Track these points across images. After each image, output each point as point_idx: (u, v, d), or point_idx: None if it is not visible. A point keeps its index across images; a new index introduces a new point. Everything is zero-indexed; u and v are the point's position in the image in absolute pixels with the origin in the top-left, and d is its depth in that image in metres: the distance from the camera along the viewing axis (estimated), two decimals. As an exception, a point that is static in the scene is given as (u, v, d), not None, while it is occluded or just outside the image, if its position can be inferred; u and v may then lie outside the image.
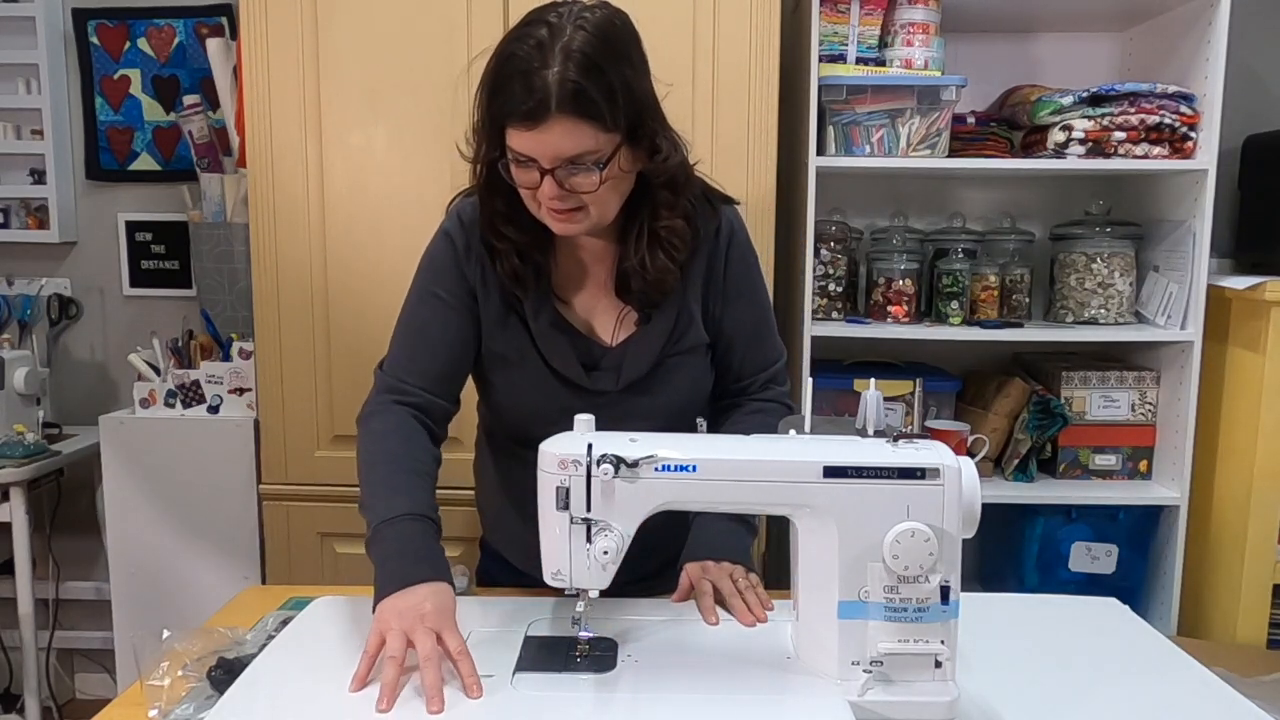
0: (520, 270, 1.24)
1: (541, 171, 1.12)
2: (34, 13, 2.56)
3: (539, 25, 1.10)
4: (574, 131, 1.09)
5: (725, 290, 1.31)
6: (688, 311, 1.29)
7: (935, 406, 2.19)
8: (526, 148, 1.11)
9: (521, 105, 1.08)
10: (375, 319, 2.00)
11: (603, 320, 1.30)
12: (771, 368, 1.38)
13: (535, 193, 1.15)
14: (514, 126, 1.10)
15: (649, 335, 1.28)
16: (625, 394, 1.28)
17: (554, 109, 1.07)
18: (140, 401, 2.30)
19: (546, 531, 1.04)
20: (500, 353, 1.29)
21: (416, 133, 1.96)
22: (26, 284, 2.69)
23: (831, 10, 2.04)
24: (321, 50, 1.95)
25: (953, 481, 0.97)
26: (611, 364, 1.28)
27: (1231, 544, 2.06)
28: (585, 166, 1.12)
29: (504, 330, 1.28)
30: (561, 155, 1.10)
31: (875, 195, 2.39)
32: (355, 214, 1.99)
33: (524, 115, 1.08)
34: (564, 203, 1.14)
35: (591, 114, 1.09)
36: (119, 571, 2.27)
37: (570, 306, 1.29)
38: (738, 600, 1.20)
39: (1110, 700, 1.04)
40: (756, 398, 1.37)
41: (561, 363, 1.27)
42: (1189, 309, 2.06)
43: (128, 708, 1.05)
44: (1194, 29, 2.06)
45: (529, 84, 1.07)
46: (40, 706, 2.45)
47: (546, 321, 1.27)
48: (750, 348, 1.36)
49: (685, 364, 1.31)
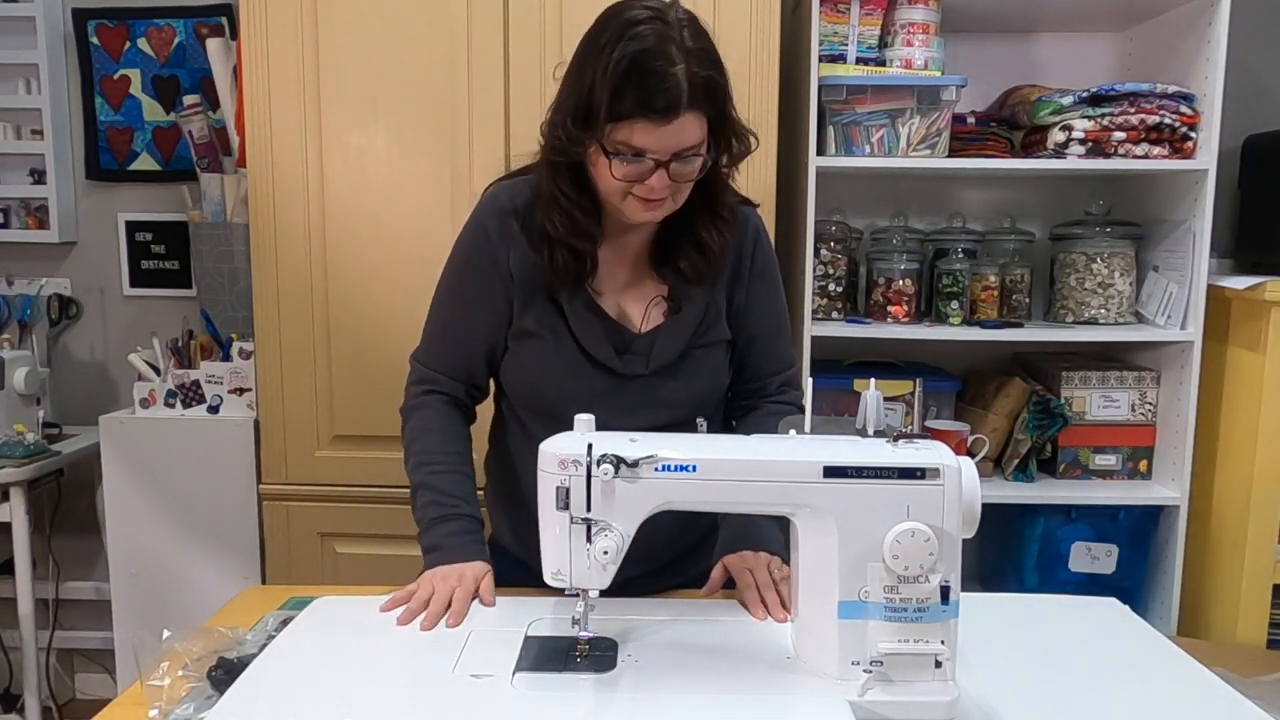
0: (571, 266, 1.26)
1: (657, 164, 1.14)
2: (34, 13, 2.56)
3: (648, 22, 1.12)
4: (698, 124, 1.14)
5: (750, 286, 1.35)
6: (715, 304, 1.32)
7: (935, 406, 2.19)
8: (649, 142, 1.13)
9: (656, 102, 1.10)
10: (375, 319, 2.00)
11: (634, 309, 1.32)
12: (787, 371, 1.41)
13: (630, 185, 1.17)
14: (643, 122, 1.11)
15: (679, 324, 1.30)
16: (654, 378, 1.30)
17: (685, 104, 1.11)
18: (140, 401, 2.30)
19: (546, 531, 1.05)
20: (531, 329, 1.31)
21: (416, 133, 1.97)
22: (26, 284, 2.69)
23: (831, 10, 2.04)
24: (321, 50, 1.95)
25: (953, 481, 0.97)
26: (642, 349, 1.30)
27: (1231, 544, 2.06)
28: (697, 156, 1.16)
29: (536, 309, 1.30)
30: (682, 148, 1.14)
31: (875, 195, 2.39)
32: (355, 214, 1.99)
33: (658, 111, 1.10)
34: (663, 193, 1.17)
35: (712, 109, 1.15)
36: (119, 571, 2.27)
37: (603, 295, 1.31)
38: (772, 594, 1.21)
39: (1110, 700, 1.04)
40: (775, 400, 1.39)
41: (594, 344, 1.29)
42: (1189, 309, 2.06)
43: (128, 708, 1.05)
44: (1194, 29, 2.06)
45: (661, 82, 1.10)
46: (40, 706, 2.45)
47: (581, 304, 1.29)
48: (770, 348, 1.39)
49: (709, 356, 1.34)
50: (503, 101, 1.94)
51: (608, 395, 1.27)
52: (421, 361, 1.37)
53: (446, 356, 1.35)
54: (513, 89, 1.94)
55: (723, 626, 1.18)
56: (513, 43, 1.93)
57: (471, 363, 1.35)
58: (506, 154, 1.95)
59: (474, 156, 1.95)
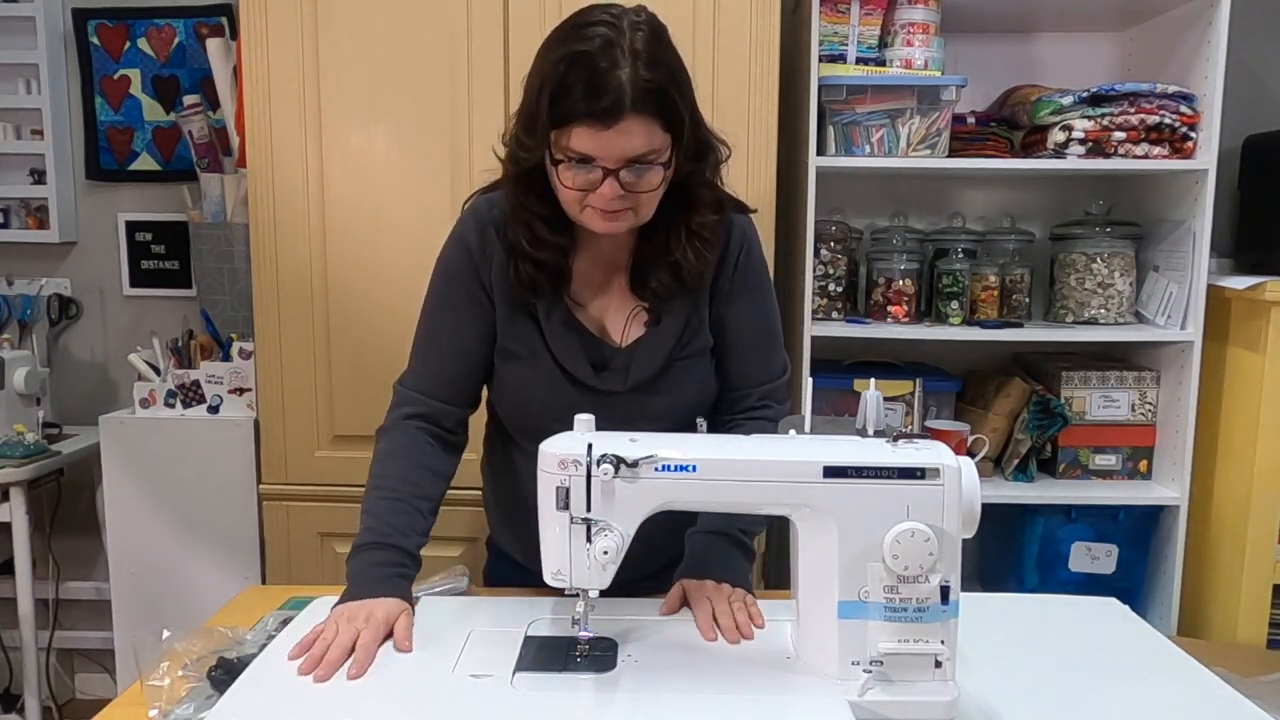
0: (536, 278, 1.24)
1: (606, 172, 1.11)
2: (34, 13, 2.56)
3: (597, 25, 1.10)
4: (645, 131, 1.10)
5: (732, 293, 1.32)
6: (698, 314, 1.30)
7: (935, 406, 2.19)
8: (592, 148, 1.10)
9: (595, 105, 1.07)
10: (375, 319, 2.00)
11: (614, 321, 1.30)
12: (770, 383, 1.37)
13: (585, 194, 1.14)
14: (583, 126, 1.09)
15: (659, 337, 1.28)
16: (634, 394, 1.28)
17: (628, 108, 1.07)
18: (140, 401, 2.30)
19: (546, 531, 1.05)
20: (512, 349, 1.30)
21: (416, 133, 1.96)
22: (26, 284, 2.69)
23: (831, 10, 2.04)
24: (321, 50, 1.95)
25: (953, 481, 0.97)
26: (621, 364, 1.28)
27: (1231, 544, 2.06)
28: (650, 165, 1.12)
29: (516, 327, 1.29)
30: (629, 155, 1.11)
31: (875, 195, 2.39)
32: (355, 214, 1.99)
33: (598, 115, 1.08)
34: (619, 203, 1.14)
35: (662, 113, 1.10)
36: (119, 571, 2.27)
37: (584, 308, 1.30)
38: (728, 620, 1.17)
39: (1110, 700, 1.04)
40: (754, 416, 1.35)
41: (571, 362, 1.27)
42: (1189, 309, 2.05)
43: (128, 708, 1.05)
44: (1194, 29, 2.06)
45: (601, 84, 1.07)
46: (40, 706, 2.45)
47: (559, 321, 1.27)
48: (750, 357, 1.35)
49: (693, 367, 1.31)
50: (503, 101, 1.94)
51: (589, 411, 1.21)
52: (405, 385, 1.32)
53: (431, 376, 1.31)
54: (513, 89, 1.93)
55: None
56: (513, 43, 1.93)
57: (460, 381, 1.32)
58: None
59: (474, 156, 1.95)
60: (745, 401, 1.36)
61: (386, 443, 1.29)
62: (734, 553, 1.29)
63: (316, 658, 1.06)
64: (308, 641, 1.10)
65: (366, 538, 1.21)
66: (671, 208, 1.23)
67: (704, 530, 1.30)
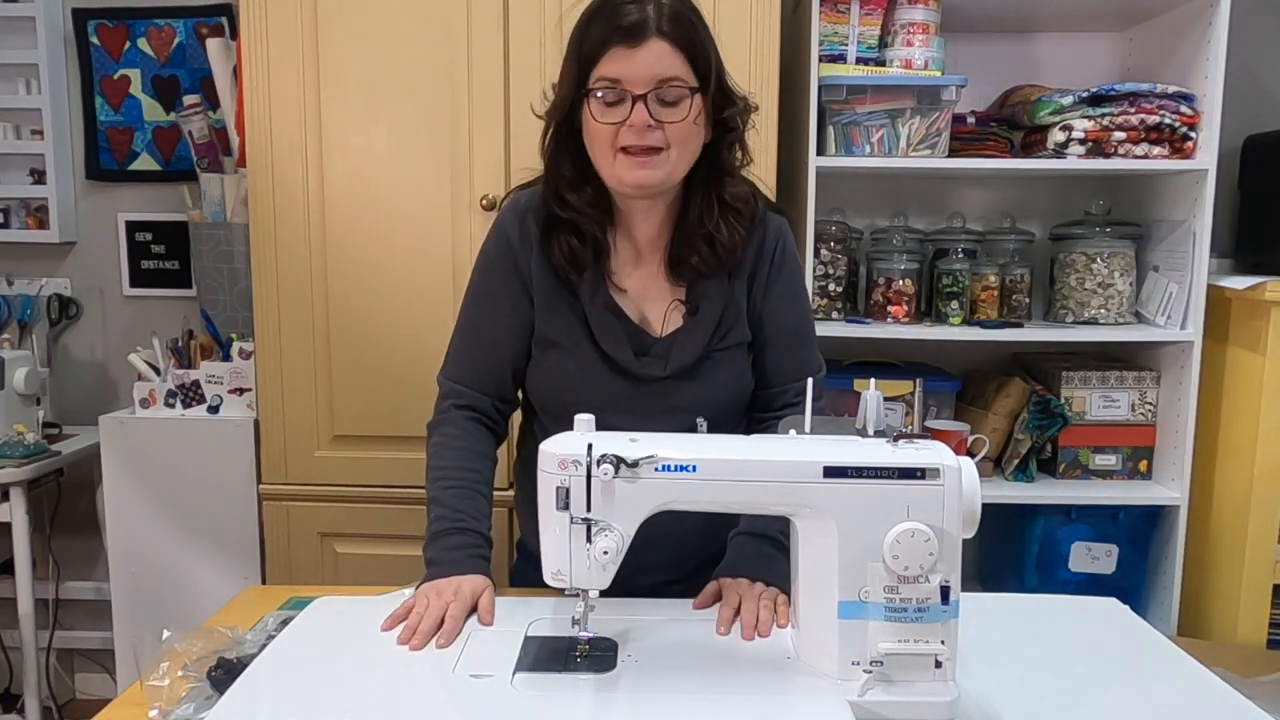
0: (578, 250, 1.26)
1: (634, 98, 1.15)
2: (34, 13, 2.56)
3: None
4: (670, 54, 1.15)
5: (769, 288, 1.33)
6: (734, 305, 1.31)
7: (935, 406, 2.19)
8: (621, 70, 1.15)
9: (622, 22, 1.14)
10: (375, 319, 2.00)
11: (654, 311, 1.31)
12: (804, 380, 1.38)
13: (616, 133, 1.17)
14: (613, 47, 1.15)
15: (696, 327, 1.30)
16: (672, 381, 1.29)
17: (653, 28, 1.14)
18: (140, 401, 2.29)
19: (546, 531, 1.05)
20: (551, 338, 1.31)
21: (416, 133, 1.96)
22: (26, 284, 2.69)
23: (831, 10, 2.04)
24: (321, 50, 1.95)
25: (953, 481, 0.97)
26: (660, 352, 1.30)
27: (1231, 544, 2.06)
28: (678, 97, 1.16)
29: (556, 316, 1.30)
30: (656, 75, 1.15)
31: (875, 195, 2.39)
32: (355, 214, 1.99)
33: (624, 33, 1.14)
34: (648, 138, 1.17)
35: (687, 42, 1.16)
36: (119, 571, 2.27)
37: (625, 294, 1.31)
38: (751, 616, 1.17)
39: (1110, 700, 1.04)
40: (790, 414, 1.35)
41: (613, 346, 1.28)
42: (1189, 309, 2.06)
43: (128, 708, 1.05)
44: (1194, 29, 2.06)
45: (628, 10, 1.14)
46: (40, 706, 2.45)
47: (601, 304, 1.28)
48: (787, 352, 1.36)
49: (729, 359, 1.33)
50: (503, 101, 1.94)
51: (627, 400, 1.27)
52: (449, 377, 1.36)
53: (473, 368, 1.34)
54: (513, 89, 1.94)
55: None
56: (513, 43, 1.93)
57: (498, 373, 1.34)
58: (506, 154, 1.95)
59: (474, 156, 1.95)
60: (782, 398, 1.37)
61: (439, 435, 1.33)
62: (774, 554, 1.28)
63: (412, 628, 1.12)
64: (400, 615, 1.16)
65: (441, 525, 1.26)
66: (704, 180, 1.26)
67: (745, 531, 1.31)
